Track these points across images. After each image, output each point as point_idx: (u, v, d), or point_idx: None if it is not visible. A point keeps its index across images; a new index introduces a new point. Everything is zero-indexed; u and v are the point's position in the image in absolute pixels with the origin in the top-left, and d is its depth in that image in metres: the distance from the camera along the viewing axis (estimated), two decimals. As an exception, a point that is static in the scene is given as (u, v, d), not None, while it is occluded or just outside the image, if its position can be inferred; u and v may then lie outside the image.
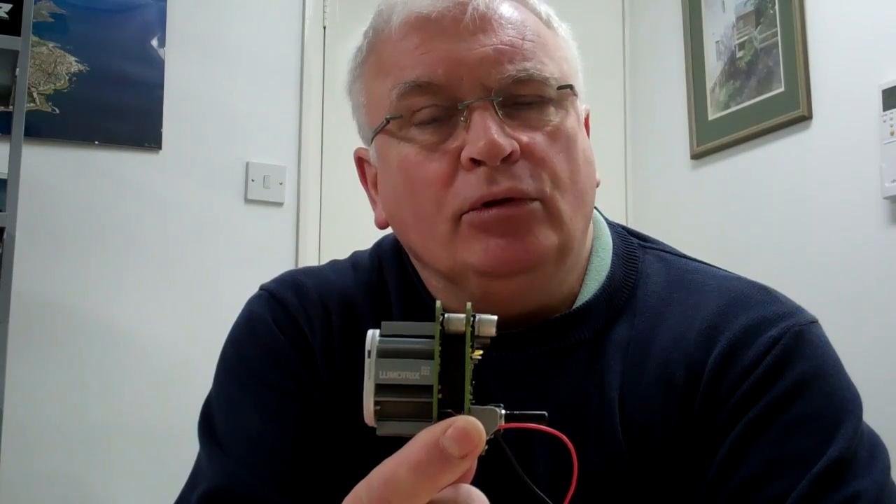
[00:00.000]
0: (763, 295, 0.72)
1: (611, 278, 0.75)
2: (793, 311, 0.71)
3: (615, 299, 0.74)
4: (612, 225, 0.81)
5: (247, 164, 2.54)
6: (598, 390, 0.70)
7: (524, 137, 0.68)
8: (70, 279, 2.33)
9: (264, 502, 0.68)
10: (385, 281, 0.79)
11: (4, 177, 1.89)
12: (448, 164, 0.68)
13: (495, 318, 0.40)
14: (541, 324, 0.72)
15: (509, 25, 0.70)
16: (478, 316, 0.39)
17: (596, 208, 0.79)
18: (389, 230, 0.81)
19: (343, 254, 0.85)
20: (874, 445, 0.67)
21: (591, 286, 0.75)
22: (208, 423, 0.75)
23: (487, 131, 0.66)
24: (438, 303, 0.40)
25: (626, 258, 0.77)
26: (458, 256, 0.69)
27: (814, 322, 0.71)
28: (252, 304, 0.79)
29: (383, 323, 0.40)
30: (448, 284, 0.73)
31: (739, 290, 0.73)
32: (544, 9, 0.75)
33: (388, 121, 0.71)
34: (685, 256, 0.80)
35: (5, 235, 1.86)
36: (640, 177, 2.95)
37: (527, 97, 0.69)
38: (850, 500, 0.62)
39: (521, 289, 0.69)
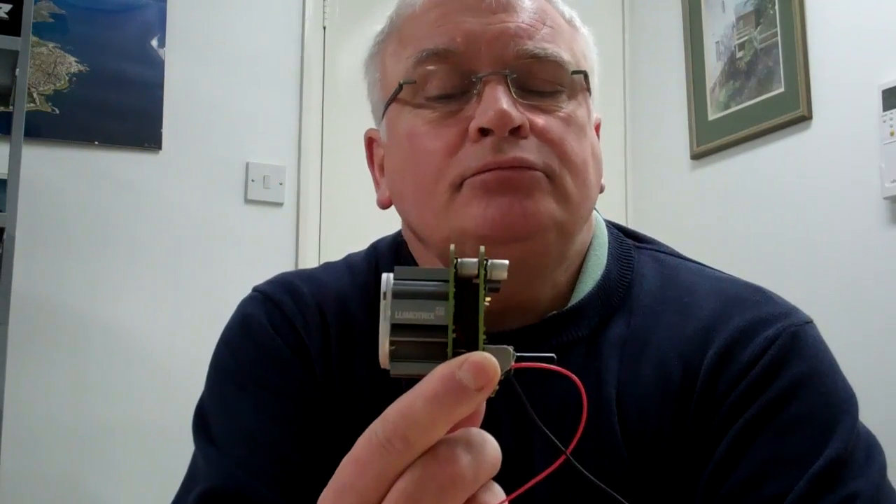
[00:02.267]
0: (758, 295, 0.73)
1: (606, 277, 0.75)
2: (788, 311, 0.71)
3: (610, 298, 0.74)
4: (608, 225, 0.81)
5: (247, 164, 2.54)
6: (595, 388, 0.70)
7: (539, 120, 0.69)
8: (70, 279, 2.33)
9: (262, 502, 0.68)
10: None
11: (4, 177, 1.89)
12: (455, 135, 0.69)
13: (507, 262, 0.40)
14: (536, 322, 0.72)
15: (531, 10, 0.71)
16: (490, 260, 0.40)
17: (594, 209, 0.79)
18: (388, 233, 0.81)
19: (343, 254, 0.85)
20: (870, 446, 0.67)
21: (587, 284, 0.75)
22: (203, 423, 0.75)
23: (498, 101, 0.67)
24: (452, 246, 0.41)
25: (622, 258, 0.78)
26: (454, 223, 0.69)
27: (809, 322, 0.71)
28: (246, 305, 0.79)
29: (396, 267, 0.40)
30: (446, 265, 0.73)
31: (734, 290, 0.73)
32: (567, 9, 0.76)
33: (401, 86, 0.72)
34: (680, 256, 0.80)
35: (5, 235, 1.86)
36: (640, 177, 2.95)
37: (541, 83, 0.70)
38: (848, 501, 0.62)
39: (518, 258, 0.69)
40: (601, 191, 0.76)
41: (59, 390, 2.27)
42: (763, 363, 0.67)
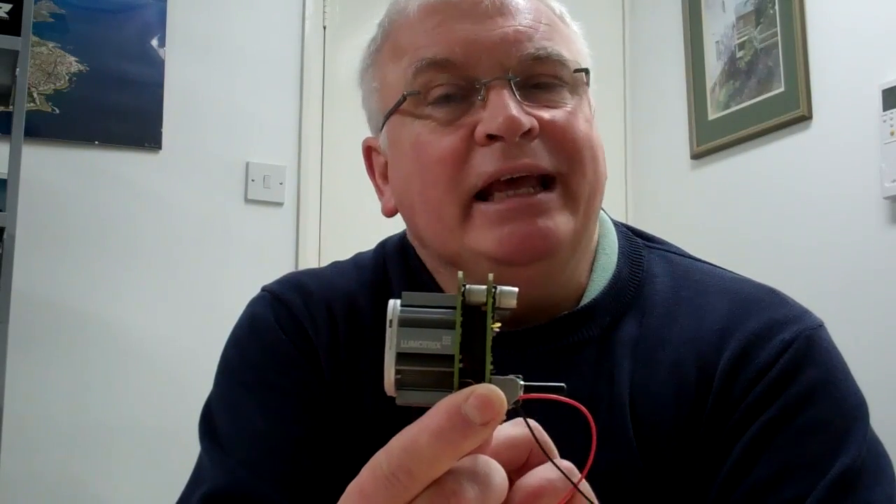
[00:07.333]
0: (772, 297, 0.73)
1: (617, 276, 0.75)
2: (802, 314, 0.71)
3: (622, 297, 0.74)
4: (616, 224, 0.81)
5: (247, 164, 2.54)
6: (608, 388, 0.70)
7: (546, 115, 0.69)
8: (70, 279, 2.33)
9: (267, 503, 0.68)
10: (390, 281, 0.79)
11: (4, 177, 1.89)
12: (462, 140, 0.68)
13: (516, 289, 0.39)
14: (548, 322, 0.72)
15: (526, 11, 0.71)
16: (499, 287, 0.39)
17: (601, 208, 0.79)
18: (388, 233, 0.81)
19: (343, 254, 0.85)
20: (879, 455, 0.67)
21: (598, 283, 0.75)
22: (210, 424, 0.75)
23: (506, 108, 0.66)
24: (460, 273, 0.40)
25: (632, 257, 0.78)
26: (468, 243, 0.69)
27: (821, 325, 0.71)
28: (254, 304, 0.79)
29: (404, 293, 0.39)
30: (454, 272, 0.73)
31: (748, 292, 0.73)
32: (557, 6, 0.76)
33: (405, 97, 0.71)
34: (690, 256, 0.80)
35: (5, 235, 1.86)
36: (640, 177, 2.95)
37: (544, 78, 0.70)
38: None
39: (534, 277, 0.69)
40: (605, 178, 0.76)
41: (59, 390, 2.27)
42: (780, 366, 0.67)
